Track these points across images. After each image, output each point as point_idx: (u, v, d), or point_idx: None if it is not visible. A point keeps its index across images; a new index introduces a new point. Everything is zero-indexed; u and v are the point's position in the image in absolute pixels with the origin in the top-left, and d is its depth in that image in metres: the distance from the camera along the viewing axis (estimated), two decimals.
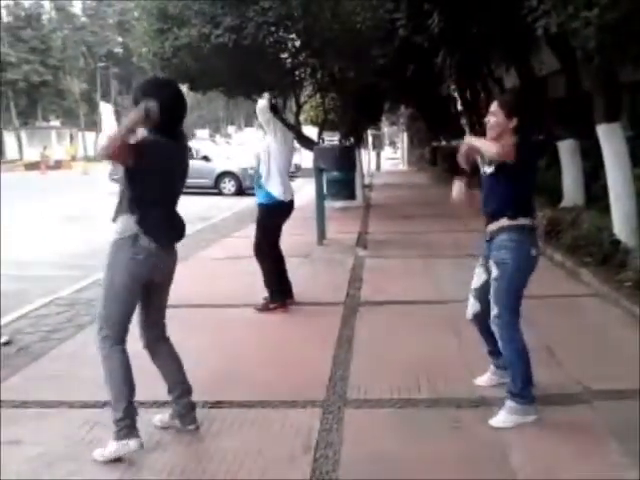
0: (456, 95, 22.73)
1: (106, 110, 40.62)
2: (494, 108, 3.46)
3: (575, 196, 9.46)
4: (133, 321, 3.20)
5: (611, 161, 7.08)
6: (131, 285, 3.06)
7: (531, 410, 3.35)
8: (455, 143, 22.71)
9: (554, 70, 11.21)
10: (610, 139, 7.09)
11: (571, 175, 9.60)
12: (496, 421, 3.33)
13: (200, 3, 10.54)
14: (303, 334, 5.11)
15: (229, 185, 20.55)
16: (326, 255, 8.52)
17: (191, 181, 18.03)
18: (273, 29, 10.66)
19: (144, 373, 3.21)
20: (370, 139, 30.81)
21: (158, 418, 3.41)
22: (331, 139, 20.20)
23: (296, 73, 12.80)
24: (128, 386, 3.06)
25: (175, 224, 3.24)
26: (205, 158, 20.82)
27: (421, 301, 5.96)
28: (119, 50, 64.28)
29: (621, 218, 6.89)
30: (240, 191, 19.92)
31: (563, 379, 3.92)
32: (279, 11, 10.21)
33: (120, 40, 63.62)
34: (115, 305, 3.07)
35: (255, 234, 5.84)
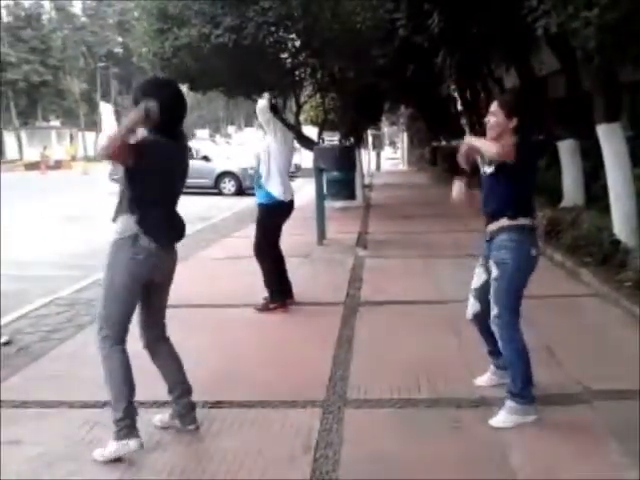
0: (456, 95, 22.73)
1: (106, 110, 40.62)
2: (494, 108, 3.46)
3: (575, 196, 9.46)
4: (133, 321, 3.20)
5: (611, 161, 7.08)
6: (131, 285, 3.06)
7: (531, 410, 3.35)
8: (455, 143, 22.74)
9: (554, 70, 11.21)
10: (610, 139, 7.09)
11: (571, 175, 9.61)
12: (496, 421, 3.33)
13: (200, 3, 10.54)
14: (303, 334, 5.11)
15: (229, 185, 20.54)
16: (326, 255, 8.52)
17: (191, 181, 18.01)
18: (273, 29, 10.66)
19: (144, 373, 3.21)
20: (370, 139, 30.81)
21: (158, 418, 3.41)
22: (331, 139, 20.21)
23: (296, 73, 12.80)
24: (128, 386, 3.06)
25: (175, 224, 3.24)
26: (205, 158, 20.82)
27: (421, 301, 5.97)
28: (119, 50, 64.29)
29: (621, 218, 6.89)
30: (240, 191, 19.91)
31: (563, 379, 3.92)
32: (279, 11, 10.21)
33: (120, 40, 63.63)
34: (115, 305, 3.07)
35: (255, 234, 5.84)
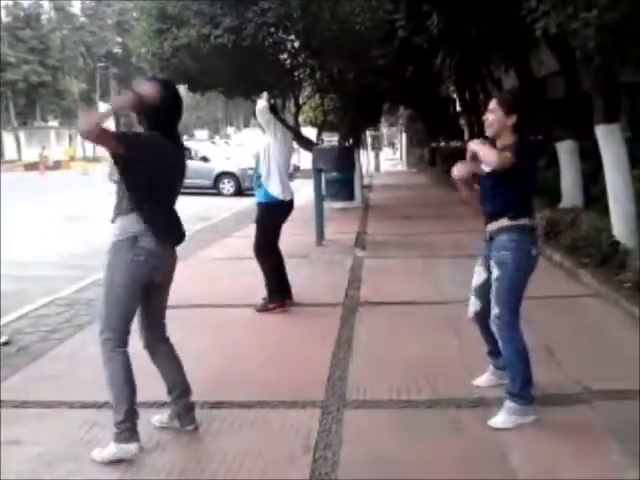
0: (455, 96, 22.78)
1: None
2: (493, 106, 3.44)
3: (574, 197, 9.46)
4: (133, 321, 3.20)
5: (610, 162, 7.08)
6: (132, 287, 3.05)
7: (530, 411, 3.35)
8: (454, 144, 22.79)
9: (553, 71, 11.21)
10: (609, 140, 7.09)
11: (570, 176, 9.61)
12: (495, 422, 3.33)
13: (199, 3, 10.53)
14: (302, 335, 5.11)
15: (228, 186, 20.52)
16: (325, 256, 8.52)
17: (190, 182, 17.91)
18: (272, 30, 10.65)
19: (143, 373, 3.20)
20: (369, 140, 30.82)
21: (157, 418, 3.41)
22: (330, 140, 20.22)
23: (295, 74, 12.79)
24: (129, 388, 3.05)
25: (177, 224, 3.24)
26: (204, 159, 20.82)
27: (420, 302, 5.96)
28: (118, 50, 64.23)
29: (620, 219, 6.89)
30: (239, 191, 19.89)
31: (563, 379, 3.92)
32: (278, 12, 10.21)
33: (119, 40, 63.58)
34: (116, 307, 3.06)
35: (255, 234, 5.84)
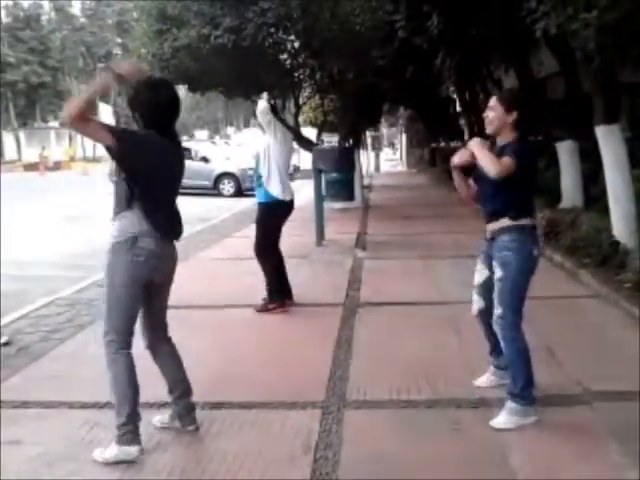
0: (455, 96, 22.77)
1: (105, 111, 40.57)
2: (493, 103, 3.44)
3: (574, 197, 9.46)
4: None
5: (610, 162, 7.08)
6: (132, 288, 3.05)
7: (531, 411, 3.35)
8: (454, 144, 22.79)
9: (553, 71, 11.21)
10: (609, 140, 7.09)
11: (570, 176, 9.61)
12: (497, 422, 3.33)
13: (199, 4, 10.52)
14: (303, 335, 5.11)
15: (228, 186, 20.49)
16: (325, 256, 8.52)
17: (190, 182, 17.78)
18: (272, 30, 10.64)
19: (144, 373, 3.20)
20: (369, 140, 30.82)
21: (158, 419, 3.41)
22: (330, 140, 20.20)
23: (295, 74, 12.77)
24: (132, 391, 3.05)
25: (177, 222, 3.23)
26: (204, 159, 20.81)
27: (420, 302, 5.96)
28: (118, 51, 64.23)
29: (620, 219, 6.89)
30: (239, 192, 19.86)
31: (563, 380, 3.92)
32: (278, 12, 10.20)
33: (119, 41, 63.55)
34: (118, 309, 3.06)
35: (255, 234, 5.85)
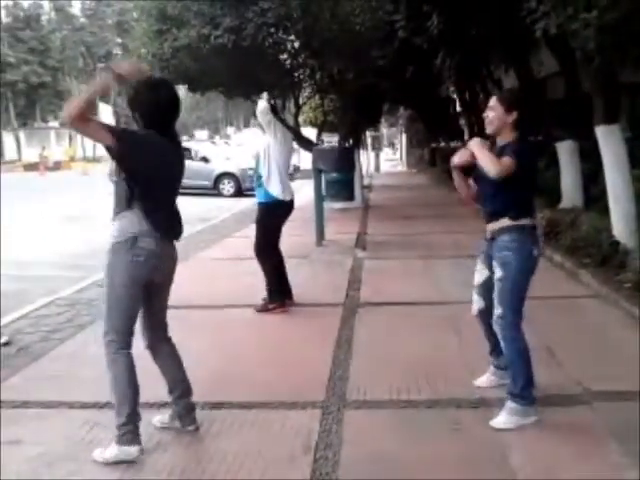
0: (455, 96, 22.77)
1: (105, 111, 40.56)
2: (493, 103, 3.44)
3: (574, 197, 9.46)
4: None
5: (610, 162, 7.08)
6: (132, 288, 3.04)
7: (531, 411, 3.35)
8: (454, 144, 22.79)
9: (553, 71, 11.21)
10: (609, 140, 7.09)
11: (570, 176, 9.61)
12: (497, 422, 3.32)
13: (199, 4, 10.53)
14: (303, 335, 5.11)
15: (228, 186, 20.48)
16: (325, 256, 8.52)
17: (190, 182, 17.76)
18: (272, 30, 10.64)
19: (144, 373, 3.20)
20: (369, 140, 30.81)
21: (158, 419, 3.41)
22: (330, 140, 20.20)
23: (295, 74, 12.78)
24: (132, 391, 3.05)
25: (177, 222, 3.23)
26: (204, 159, 20.81)
27: (420, 302, 5.96)
28: (118, 51, 64.24)
29: (620, 219, 6.89)
30: (239, 192, 19.86)
31: (563, 380, 3.92)
32: (278, 12, 10.20)
33: (119, 41, 63.56)
34: (118, 309, 3.06)
35: (255, 234, 5.85)
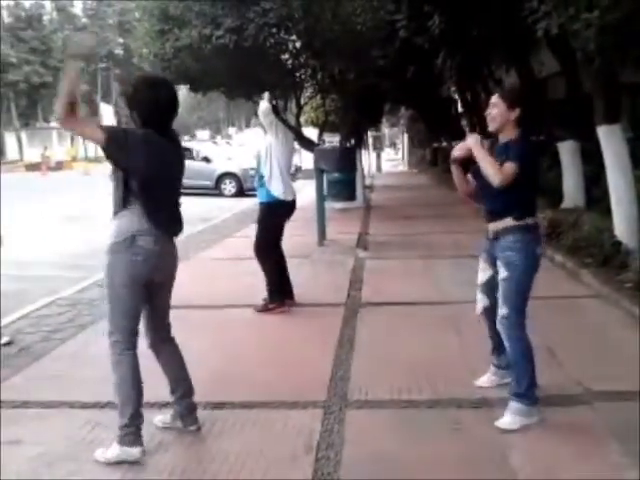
0: (456, 96, 22.74)
1: (106, 111, 40.60)
2: (495, 99, 3.43)
3: (575, 197, 9.46)
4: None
5: (611, 163, 7.08)
6: (132, 287, 3.04)
7: (534, 411, 3.35)
8: (456, 144, 22.79)
9: (554, 72, 11.21)
10: (610, 141, 7.09)
11: (572, 176, 9.61)
12: (502, 423, 3.31)
13: (201, 4, 10.53)
14: (304, 335, 5.11)
15: (229, 186, 20.47)
16: (326, 256, 8.52)
17: (192, 182, 17.77)
18: (274, 30, 10.65)
19: (146, 373, 3.20)
20: (370, 140, 30.80)
21: (159, 419, 3.41)
22: (331, 140, 20.19)
23: (297, 74, 12.78)
24: (136, 392, 3.06)
25: (178, 218, 3.23)
26: (206, 159, 20.81)
27: (421, 302, 5.96)
28: (120, 51, 64.33)
29: (622, 220, 6.89)
30: (241, 192, 19.85)
31: (564, 380, 3.92)
32: (280, 12, 10.20)
33: (121, 41, 63.71)
34: (121, 310, 3.06)
35: (256, 233, 5.85)
